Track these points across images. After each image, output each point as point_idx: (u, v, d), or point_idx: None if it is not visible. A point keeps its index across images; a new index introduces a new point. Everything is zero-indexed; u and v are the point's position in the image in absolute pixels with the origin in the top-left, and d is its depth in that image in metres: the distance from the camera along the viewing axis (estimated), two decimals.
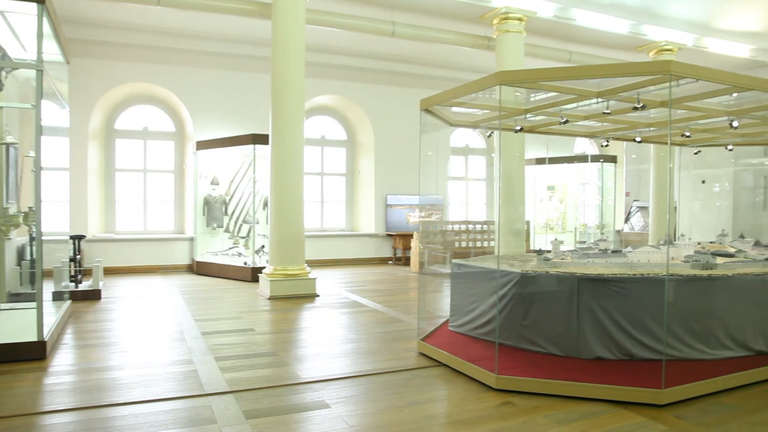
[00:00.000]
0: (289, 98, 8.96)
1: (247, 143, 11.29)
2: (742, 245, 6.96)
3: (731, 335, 5.23)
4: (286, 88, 8.94)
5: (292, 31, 8.97)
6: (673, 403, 4.22)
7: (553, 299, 5.22)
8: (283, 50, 8.95)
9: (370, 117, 14.46)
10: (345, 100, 14.36)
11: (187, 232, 12.96)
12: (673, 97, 5.53)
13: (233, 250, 12.09)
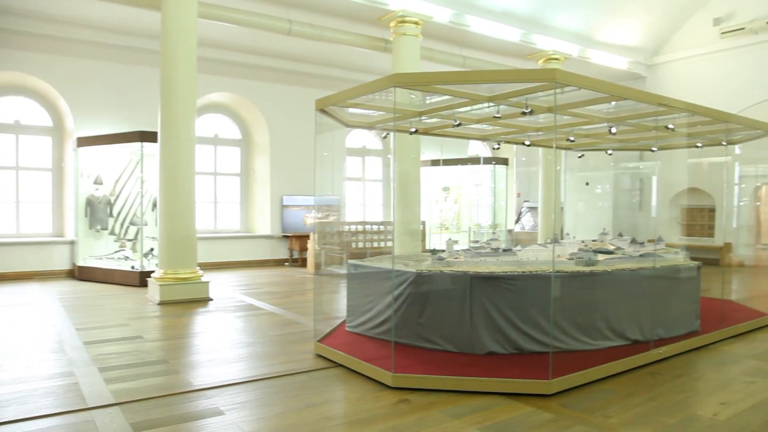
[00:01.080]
0: (179, 94, 8.60)
1: (134, 141, 10.72)
2: (620, 243, 7.45)
3: (611, 326, 5.58)
4: (176, 83, 8.57)
5: (184, 23, 8.62)
6: (560, 392, 4.44)
7: (447, 297, 5.34)
8: (173, 43, 8.57)
9: (266, 116, 14.20)
10: (240, 98, 14.01)
11: (67, 235, 12.11)
12: (559, 103, 5.84)
13: (119, 254, 11.44)
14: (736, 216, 14.20)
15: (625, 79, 15.78)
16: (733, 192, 13.58)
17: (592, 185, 15.76)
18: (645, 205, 15.51)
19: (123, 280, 10.48)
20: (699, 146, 8.28)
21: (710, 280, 9.55)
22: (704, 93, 13.76)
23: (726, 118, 6.79)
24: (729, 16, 14.54)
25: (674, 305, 6.15)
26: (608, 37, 14.75)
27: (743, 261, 14.03)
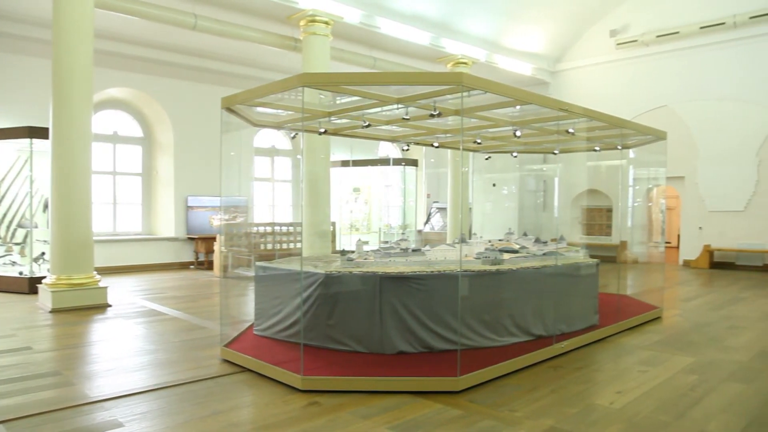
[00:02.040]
0: (74, 88, 8.08)
1: (22, 136, 9.97)
2: (525, 242, 7.71)
3: (516, 323, 5.75)
4: (70, 76, 8.05)
5: (80, 12, 8.10)
6: (468, 389, 4.52)
7: (356, 298, 5.31)
8: (66, 34, 8.03)
9: (170, 114, 13.64)
10: (141, 94, 13.38)
11: None
12: (466, 106, 5.95)
13: (6, 258, 10.62)
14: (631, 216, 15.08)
15: (530, 85, 16.42)
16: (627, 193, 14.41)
17: (498, 186, 16.28)
18: (548, 206, 16.20)
19: (10, 287, 9.73)
20: (597, 150, 8.72)
21: (607, 277, 10.06)
22: (602, 99, 14.55)
23: (621, 123, 7.18)
24: (624, 29, 15.47)
25: (575, 301, 6.43)
26: (514, 43, 15.30)
27: (637, 258, 14.92)
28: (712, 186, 14.17)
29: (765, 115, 13.38)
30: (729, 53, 13.88)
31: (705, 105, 14.20)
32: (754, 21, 13.38)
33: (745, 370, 5.20)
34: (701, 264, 14.06)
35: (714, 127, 14.06)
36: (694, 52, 14.36)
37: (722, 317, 7.73)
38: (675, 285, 11.15)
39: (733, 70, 13.82)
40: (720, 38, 13.94)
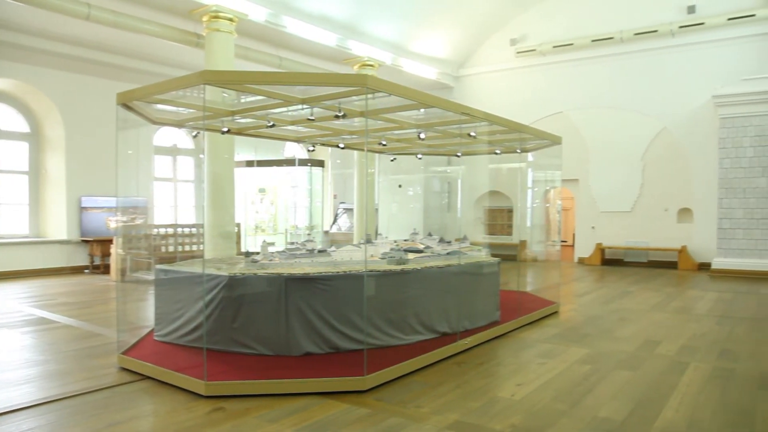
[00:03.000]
0: None
1: None
2: (429, 242, 7.87)
3: (421, 321, 5.86)
4: None
5: None
6: (375, 388, 4.56)
7: (261, 300, 5.23)
8: None
9: (61, 108, 12.83)
10: (28, 86, 12.48)
11: None
12: (371, 108, 6.00)
13: None
14: (530, 216, 15.78)
15: (435, 89, 16.79)
16: (527, 195, 15.08)
17: (404, 187, 16.54)
18: (452, 207, 16.63)
19: None
20: (498, 153, 9.04)
21: (508, 274, 10.46)
22: (503, 104, 15.13)
23: (520, 128, 7.49)
24: (523, 38, 16.17)
25: (478, 298, 6.64)
26: (420, 48, 15.60)
27: (536, 256, 15.64)
28: (603, 188, 15.09)
29: (648, 124, 14.42)
30: (617, 65, 14.84)
31: (596, 113, 15.10)
32: (638, 37, 14.40)
33: (632, 359, 5.57)
34: (594, 261, 14.92)
35: (604, 133, 14.98)
36: (587, 63, 15.24)
37: (612, 310, 8.24)
38: (571, 281, 11.76)
39: (620, 81, 14.79)
40: (609, 51, 14.89)
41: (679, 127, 14.07)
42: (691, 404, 4.27)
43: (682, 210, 14.21)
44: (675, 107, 14.10)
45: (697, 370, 5.17)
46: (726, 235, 12.87)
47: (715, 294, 9.89)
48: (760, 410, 4.16)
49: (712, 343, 6.26)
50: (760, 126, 12.51)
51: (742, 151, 12.71)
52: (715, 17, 13.49)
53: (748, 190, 12.66)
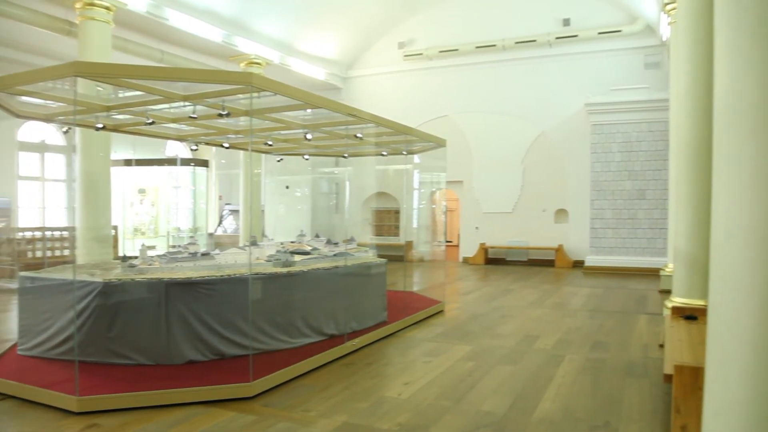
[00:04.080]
0: None
1: None
2: (317, 243, 7.82)
3: (309, 324, 5.80)
4: None
5: None
6: (262, 393, 4.45)
7: (140, 307, 4.95)
8: None
9: None
10: None
11: None
12: (256, 107, 5.86)
13: None
14: (417, 217, 16.12)
15: (324, 89, 16.73)
16: (413, 196, 15.40)
17: (292, 189, 16.34)
18: (340, 208, 16.65)
19: None
20: (384, 155, 9.15)
21: (395, 275, 10.62)
22: (391, 107, 15.33)
23: (406, 130, 7.62)
24: (411, 42, 16.50)
25: (365, 299, 6.68)
26: (308, 48, 15.49)
27: (423, 256, 16.00)
28: (486, 190, 15.71)
29: (528, 129, 15.19)
30: (499, 72, 15.51)
31: (480, 117, 15.69)
32: (519, 46, 15.13)
33: (512, 353, 5.82)
34: (478, 260, 15.49)
35: (487, 137, 15.60)
36: (472, 69, 15.80)
37: (495, 308, 8.58)
38: (456, 280, 12.13)
39: (502, 87, 15.47)
40: (492, 58, 15.53)
41: (556, 132, 14.94)
42: (566, 394, 4.52)
43: (558, 211, 15.08)
44: (552, 113, 14.96)
45: (571, 362, 5.49)
46: (597, 234, 13.82)
47: (588, 290, 10.58)
48: (626, 396, 4.48)
49: (585, 336, 6.68)
50: (626, 133, 13.54)
51: (611, 156, 13.70)
52: (587, 30, 14.45)
53: (616, 192, 13.67)
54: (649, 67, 14.08)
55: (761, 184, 1.88)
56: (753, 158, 1.91)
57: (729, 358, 1.99)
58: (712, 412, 2.10)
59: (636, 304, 8.95)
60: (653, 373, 5.10)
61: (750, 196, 1.92)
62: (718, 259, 2.10)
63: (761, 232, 1.88)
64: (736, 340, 1.96)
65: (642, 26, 13.93)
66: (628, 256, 13.48)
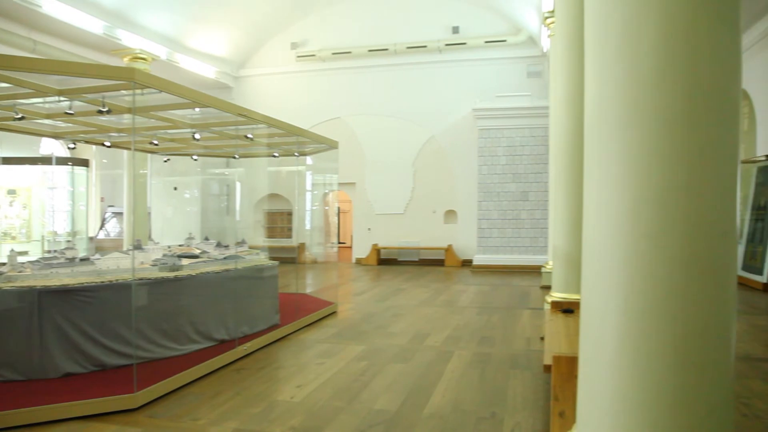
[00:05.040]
0: None
1: None
2: (206, 246, 7.59)
3: (198, 329, 5.62)
4: None
5: None
6: (147, 404, 4.26)
7: (8, 318, 4.58)
8: None
9: None
10: None
11: None
12: (141, 105, 5.60)
13: None
14: (310, 219, 16.06)
15: (215, 88, 16.27)
16: (305, 198, 15.33)
17: (180, 190, 15.74)
18: (232, 210, 16.26)
19: None
20: (276, 156, 9.04)
21: (288, 277, 10.54)
22: (283, 107, 15.18)
23: (298, 132, 7.57)
24: (304, 43, 16.41)
25: (256, 302, 6.56)
26: (198, 44, 14.99)
27: (316, 258, 15.95)
28: (379, 191, 15.93)
29: (418, 132, 15.59)
30: (391, 76, 15.79)
31: (372, 119, 15.90)
32: (410, 51, 15.50)
33: (404, 352, 5.94)
34: (371, 261, 15.66)
35: (379, 139, 15.83)
36: (364, 72, 15.97)
37: (387, 307, 8.72)
38: (348, 281, 12.20)
39: (394, 90, 15.77)
40: (384, 62, 15.79)
41: (445, 136, 15.42)
42: (455, 388, 4.68)
43: (448, 212, 15.58)
44: (442, 117, 15.44)
45: (460, 358, 5.69)
46: (484, 234, 14.40)
47: (476, 287, 11.00)
48: (511, 387, 4.71)
49: (472, 331, 6.94)
50: (511, 138, 14.23)
51: (496, 159, 14.33)
52: (474, 39, 15.05)
53: (501, 194, 14.32)
54: (531, 75, 14.89)
55: (624, 187, 2.05)
56: (617, 162, 2.08)
57: (599, 348, 2.15)
58: (585, 398, 2.26)
59: (520, 300, 9.42)
60: (535, 364, 5.39)
61: (615, 199, 2.08)
62: (588, 256, 2.26)
63: (626, 230, 2.05)
64: (604, 331, 2.12)
65: (525, 37, 14.72)
66: (513, 255, 14.17)
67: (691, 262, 1.96)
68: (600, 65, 2.18)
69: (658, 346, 1.98)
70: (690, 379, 1.96)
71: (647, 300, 1.99)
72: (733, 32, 2.01)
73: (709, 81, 1.96)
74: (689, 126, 1.96)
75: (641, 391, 2.00)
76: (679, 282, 1.96)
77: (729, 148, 2.00)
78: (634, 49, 2.03)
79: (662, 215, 1.97)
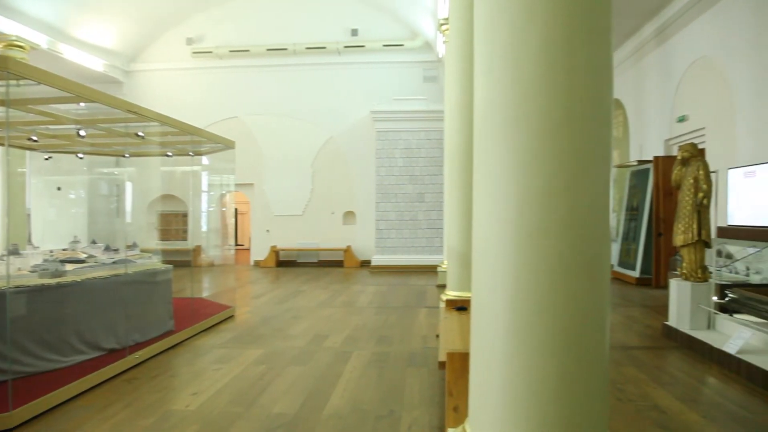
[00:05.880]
0: None
1: None
2: (93, 250, 7.17)
3: (84, 339, 5.30)
4: None
5: None
6: (27, 422, 3.98)
7: None
8: None
9: None
10: None
11: None
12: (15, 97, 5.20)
13: None
14: (206, 220, 15.58)
15: (104, 82, 15.38)
16: (201, 199, 14.85)
17: (65, 190, 14.77)
18: (122, 211, 15.46)
19: None
20: (170, 155, 8.71)
21: (183, 281, 10.18)
22: (178, 105, 14.66)
23: (193, 131, 7.33)
24: (200, 38, 15.88)
25: (148, 308, 6.28)
26: (84, 34, 14.10)
27: (213, 261, 15.50)
28: (277, 192, 15.74)
29: (316, 133, 15.55)
30: (290, 76, 15.64)
31: (270, 119, 15.68)
32: (310, 51, 15.43)
33: (303, 354, 5.91)
34: (269, 263, 15.43)
35: (278, 139, 15.64)
36: (263, 71, 15.71)
37: (286, 309, 8.63)
38: (247, 284, 11.96)
39: (293, 90, 15.63)
40: (283, 62, 15.61)
41: (344, 137, 15.49)
42: (354, 388, 4.72)
43: (346, 213, 15.64)
44: (340, 119, 15.49)
45: (359, 357, 5.74)
46: (382, 235, 14.60)
47: (374, 288, 11.12)
48: (408, 385, 4.81)
49: (371, 331, 7.02)
50: (407, 140, 14.52)
51: (394, 161, 14.57)
52: (373, 42, 15.22)
53: (399, 195, 14.58)
54: (428, 80, 15.27)
55: (510, 189, 2.16)
56: (503, 166, 2.18)
57: (488, 343, 2.26)
58: (476, 391, 2.36)
59: (417, 299, 9.63)
60: (431, 361, 5.54)
61: (501, 200, 2.19)
62: (478, 255, 2.36)
63: (511, 230, 2.16)
64: (493, 327, 2.22)
65: (422, 42, 15.07)
66: (410, 255, 14.46)
67: (571, 259, 2.10)
68: (487, 72, 2.29)
69: (542, 339, 2.10)
70: (571, 368, 2.10)
71: (532, 296, 2.12)
72: (606, 45, 2.18)
73: (585, 89, 2.11)
74: (568, 131, 2.10)
75: (528, 382, 2.12)
76: (559, 278, 2.10)
77: (602, 152, 2.16)
78: (519, 57, 2.14)
79: (544, 216, 2.10)
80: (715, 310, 6.07)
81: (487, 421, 2.25)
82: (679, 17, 9.49)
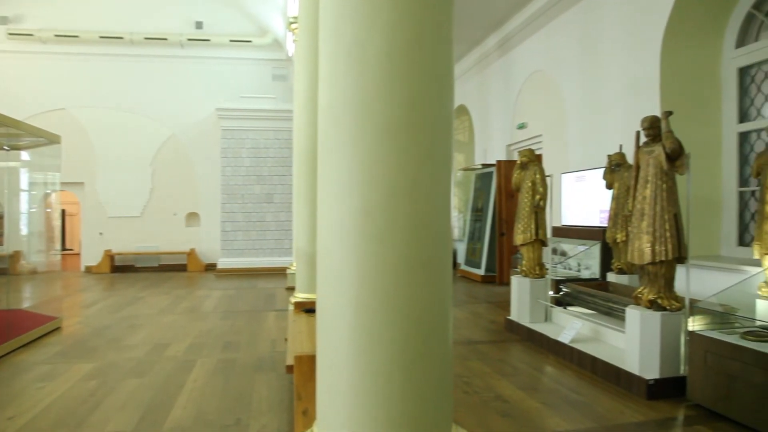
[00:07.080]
0: None
1: None
2: None
3: None
4: None
5: None
6: None
7: None
8: None
9: None
10: None
11: None
12: None
13: None
14: (27, 223, 14.05)
15: None
16: (20, 199, 13.37)
17: None
18: None
19: None
20: None
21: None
22: None
23: (9, 122, 6.58)
24: (18, 18, 14.26)
25: None
26: None
27: (36, 267, 14.02)
28: (112, 192, 14.61)
29: (157, 129, 14.68)
30: (127, 67, 14.59)
31: (104, 113, 14.51)
32: (149, 42, 14.51)
33: (141, 365, 5.51)
34: (103, 269, 14.29)
35: (113, 135, 14.53)
36: (95, 60, 14.48)
37: (122, 318, 8.03)
38: (76, 292, 10.99)
39: (130, 83, 14.60)
40: (119, 51, 14.52)
41: (187, 134, 14.77)
42: (198, 399, 4.48)
43: (190, 214, 14.93)
44: (183, 115, 14.74)
45: (203, 366, 5.47)
46: (229, 237, 14.13)
47: (220, 292, 10.72)
48: (256, 390, 4.67)
49: (216, 337, 6.73)
50: (255, 139, 14.19)
51: (240, 161, 14.17)
52: (219, 36, 14.68)
53: (246, 196, 14.20)
54: (277, 79, 15.05)
55: (354, 192, 2.14)
56: (348, 168, 2.16)
57: (334, 344, 2.22)
58: (324, 393, 2.32)
59: (265, 302, 9.43)
60: (280, 366, 5.42)
61: (346, 202, 2.17)
62: (323, 257, 2.32)
63: (356, 232, 2.14)
64: (339, 328, 2.19)
65: (271, 40, 14.81)
66: (258, 257, 14.15)
67: (414, 259, 2.14)
68: (332, 73, 2.26)
69: (388, 339, 2.11)
70: (416, 365, 2.14)
71: (377, 296, 2.12)
72: (447, 50, 2.24)
73: (427, 94, 2.16)
74: (411, 135, 2.13)
75: (374, 381, 2.12)
76: (403, 279, 2.12)
77: (444, 156, 2.22)
78: (362, 60, 2.13)
79: (388, 217, 2.11)
80: (551, 303, 6.58)
81: (335, 422, 2.22)
82: (519, 32, 10.21)
